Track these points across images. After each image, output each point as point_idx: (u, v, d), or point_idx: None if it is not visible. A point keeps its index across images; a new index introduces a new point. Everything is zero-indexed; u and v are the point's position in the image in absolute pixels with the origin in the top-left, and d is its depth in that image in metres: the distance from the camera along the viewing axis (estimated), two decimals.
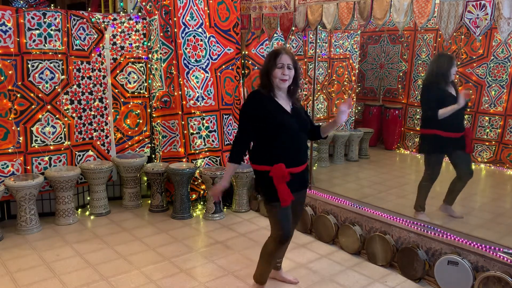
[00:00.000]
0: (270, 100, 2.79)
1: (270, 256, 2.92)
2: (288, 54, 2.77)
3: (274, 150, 2.76)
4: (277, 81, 2.75)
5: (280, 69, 2.73)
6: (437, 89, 3.80)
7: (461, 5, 3.06)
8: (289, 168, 2.71)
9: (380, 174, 5.86)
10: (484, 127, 5.82)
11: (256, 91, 2.87)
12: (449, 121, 3.77)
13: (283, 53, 2.76)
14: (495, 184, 5.47)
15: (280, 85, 2.77)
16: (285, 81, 2.76)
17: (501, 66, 5.65)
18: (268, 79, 2.78)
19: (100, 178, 4.55)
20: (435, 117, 3.74)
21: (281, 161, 2.72)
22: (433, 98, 3.80)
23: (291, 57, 2.77)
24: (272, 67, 2.75)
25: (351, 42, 6.51)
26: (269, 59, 2.79)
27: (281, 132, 2.74)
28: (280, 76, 2.73)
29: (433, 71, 3.88)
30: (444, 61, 3.85)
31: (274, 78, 2.75)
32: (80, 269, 3.44)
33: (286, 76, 2.74)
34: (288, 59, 2.75)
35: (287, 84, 2.78)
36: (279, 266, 3.26)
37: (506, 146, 5.64)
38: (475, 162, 5.83)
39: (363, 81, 7.30)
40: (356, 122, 6.93)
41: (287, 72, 2.74)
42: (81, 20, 4.48)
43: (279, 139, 2.75)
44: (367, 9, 3.61)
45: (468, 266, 3.00)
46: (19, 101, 4.16)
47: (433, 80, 3.87)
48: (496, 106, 5.70)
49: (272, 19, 4.59)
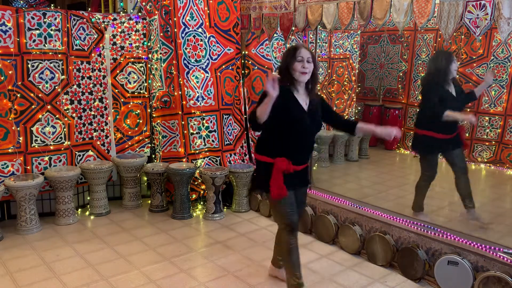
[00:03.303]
0: (289, 94, 2.81)
1: (287, 249, 2.88)
2: (306, 49, 2.84)
3: (281, 144, 2.81)
4: (297, 75, 2.79)
5: (300, 62, 2.78)
6: (438, 88, 3.77)
7: (461, 5, 3.06)
8: (293, 165, 2.77)
9: (380, 174, 5.86)
10: (484, 127, 5.82)
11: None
12: (442, 123, 3.74)
13: (302, 47, 2.83)
14: (495, 184, 5.47)
15: (300, 78, 2.80)
16: (305, 74, 2.79)
17: (501, 66, 5.64)
18: (289, 72, 2.81)
19: (100, 178, 4.54)
20: (439, 117, 3.68)
21: (285, 156, 2.76)
22: (435, 96, 3.76)
23: (310, 51, 2.84)
24: (292, 60, 2.79)
25: (351, 42, 6.51)
26: (288, 54, 2.84)
27: (293, 128, 2.77)
28: (300, 69, 2.78)
29: (432, 69, 3.87)
30: (443, 59, 3.82)
31: (294, 71, 2.80)
32: (80, 269, 3.44)
33: (306, 69, 2.79)
34: (307, 53, 2.81)
35: (307, 77, 2.82)
36: (281, 264, 3.25)
37: (506, 146, 5.64)
38: (475, 162, 5.83)
39: (363, 81, 7.30)
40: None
41: (307, 65, 2.79)
42: (81, 20, 4.48)
43: (289, 135, 2.79)
44: (367, 9, 3.61)
45: (468, 266, 3.00)
46: (19, 101, 4.16)
47: (432, 79, 3.85)
48: (496, 106, 5.70)
49: (272, 19, 4.59)
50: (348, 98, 6.64)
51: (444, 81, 3.78)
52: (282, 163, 2.74)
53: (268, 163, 2.81)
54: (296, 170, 2.83)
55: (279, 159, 2.75)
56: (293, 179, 2.83)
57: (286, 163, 2.75)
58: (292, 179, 2.82)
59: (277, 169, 2.74)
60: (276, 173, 2.74)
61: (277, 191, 2.74)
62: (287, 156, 2.78)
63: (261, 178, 2.88)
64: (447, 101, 3.74)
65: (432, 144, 3.88)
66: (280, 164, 2.74)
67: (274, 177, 2.74)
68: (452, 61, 3.77)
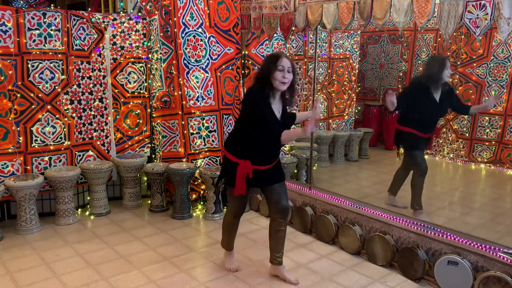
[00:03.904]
0: (265, 100, 2.91)
1: (228, 227, 3.37)
2: (287, 58, 2.91)
3: (249, 146, 2.97)
4: (277, 83, 2.88)
5: (281, 71, 2.86)
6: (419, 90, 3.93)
7: (461, 5, 3.06)
8: (256, 165, 2.97)
9: (380, 174, 5.86)
10: (484, 127, 5.82)
11: (256, 88, 2.96)
12: (426, 123, 3.99)
13: (283, 57, 2.90)
14: (495, 184, 5.47)
15: (279, 87, 2.89)
16: (285, 84, 2.89)
17: (501, 66, 5.64)
18: (268, 80, 2.85)
19: (100, 178, 4.55)
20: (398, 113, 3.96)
21: (251, 158, 2.95)
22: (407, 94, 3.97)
23: (290, 61, 2.91)
24: (273, 69, 2.86)
25: (351, 42, 6.51)
26: (269, 62, 2.91)
27: (263, 133, 2.88)
28: (280, 78, 2.86)
29: (424, 72, 4.06)
30: (436, 64, 3.92)
31: (274, 80, 2.87)
32: (80, 269, 3.44)
33: (286, 79, 2.87)
34: (288, 63, 2.89)
35: (286, 87, 2.91)
36: (280, 261, 3.27)
37: (506, 146, 5.64)
38: (475, 162, 5.84)
39: (363, 81, 7.30)
40: (356, 122, 6.93)
41: (287, 76, 2.86)
42: (81, 20, 4.48)
43: (257, 139, 2.93)
44: (367, 9, 3.61)
45: (468, 266, 3.00)
46: (19, 101, 4.16)
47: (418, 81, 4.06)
48: (496, 106, 5.70)
49: (272, 19, 4.59)
50: (348, 98, 6.65)
51: (433, 86, 3.89)
52: (244, 168, 2.94)
53: (234, 162, 2.99)
54: (263, 170, 3.01)
55: (243, 162, 2.95)
56: (259, 178, 3.02)
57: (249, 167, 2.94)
58: (257, 178, 3.01)
59: (240, 173, 2.95)
60: (239, 175, 2.96)
61: (238, 190, 3.00)
62: (252, 158, 2.95)
63: (226, 172, 3.12)
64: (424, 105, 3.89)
65: (414, 141, 4.03)
66: (242, 169, 2.95)
67: (238, 178, 2.96)
68: (445, 68, 3.84)
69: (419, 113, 3.91)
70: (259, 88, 2.94)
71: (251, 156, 2.97)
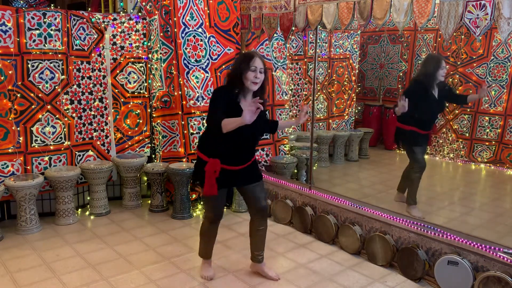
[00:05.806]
0: (233, 102, 2.90)
1: (205, 234, 3.25)
2: (260, 58, 2.90)
3: (219, 146, 2.93)
4: (249, 83, 2.87)
5: (253, 72, 2.85)
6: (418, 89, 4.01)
7: (461, 5, 3.06)
8: (227, 165, 2.93)
9: (380, 174, 5.86)
10: (484, 127, 5.82)
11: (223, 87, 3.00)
12: (426, 120, 4.10)
13: (257, 57, 2.89)
14: (495, 184, 5.47)
15: (250, 87, 2.88)
16: (256, 84, 2.88)
17: (501, 66, 5.65)
18: (240, 80, 2.87)
19: (100, 178, 4.55)
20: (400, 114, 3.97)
21: (221, 158, 2.91)
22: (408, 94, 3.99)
23: (263, 62, 2.90)
24: (245, 69, 2.85)
25: (351, 42, 6.51)
26: (242, 61, 2.90)
27: (231, 135, 2.81)
28: (252, 78, 2.85)
29: (420, 71, 4.15)
30: (431, 64, 4.02)
31: (246, 79, 2.86)
32: (80, 269, 3.44)
33: (257, 79, 2.86)
34: (261, 63, 2.88)
35: (257, 87, 2.90)
36: (260, 259, 3.30)
37: (506, 146, 5.64)
38: (475, 162, 5.84)
39: (363, 81, 7.30)
40: (356, 122, 6.94)
41: (259, 76, 2.86)
42: (81, 20, 4.48)
43: (227, 140, 2.88)
44: (367, 9, 3.61)
45: (468, 266, 3.00)
46: (19, 101, 4.16)
47: (417, 81, 4.15)
48: (496, 106, 5.70)
49: (272, 19, 4.59)
50: (348, 98, 6.65)
51: (428, 85, 3.98)
52: (212, 166, 2.89)
53: (204, 161, 2.97)
54: (237, 170, 2.98)
55: (212, 161, 2.90)
56: (233, 178, 3.01)
57: (217, 165, 2.89)
58: (231, 178, 2.99)
59: (208, 171, 2.90)
60: (207, 173, 2.90)
61: (207, 189, 2.92)
62: (223, 158, 2.92)
63: (198, 172, 3.07)
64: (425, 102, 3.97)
65: (416, 138, 4.11)
66: (211, 167, 2.89)
67: (207, 176, 2.91)
68: (440, 67, 3.91)
69: (420, 111, 3.96)
70: (225, 88, 2.96)
71: (222, 156, 2.92)
